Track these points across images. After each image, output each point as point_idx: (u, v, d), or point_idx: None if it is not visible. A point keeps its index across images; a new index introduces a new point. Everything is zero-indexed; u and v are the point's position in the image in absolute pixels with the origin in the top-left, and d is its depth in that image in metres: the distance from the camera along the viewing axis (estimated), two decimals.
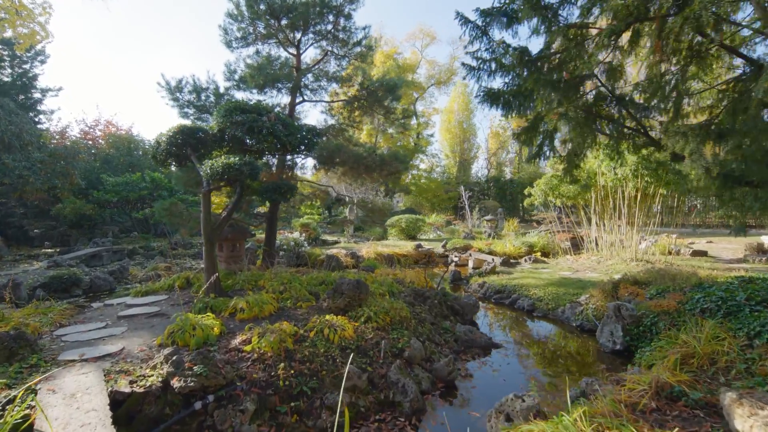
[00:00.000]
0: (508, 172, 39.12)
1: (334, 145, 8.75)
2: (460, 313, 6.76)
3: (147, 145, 24.05)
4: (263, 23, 9.23)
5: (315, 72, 9.83)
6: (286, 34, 9.43)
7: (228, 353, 3.94)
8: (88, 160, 21.47)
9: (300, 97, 9.86)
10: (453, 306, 6.79)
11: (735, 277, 6.34)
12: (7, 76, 20.46)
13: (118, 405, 3.07)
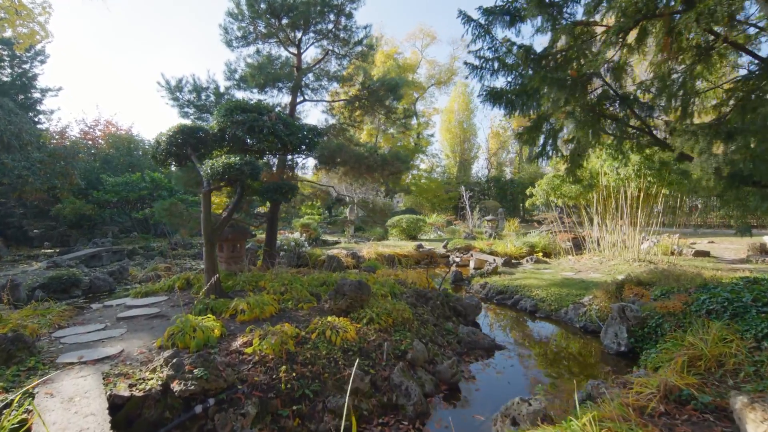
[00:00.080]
0: (509, 172, 39.09)
1: (335, 145, 8.70)
2: (462, 314, 6.71)
3: (147, 145, 24.00)
4: (264, 22, 9.18)
5: (316, 71, 9.78)
6: (286, 33, 9.37)
7: (229, 356, 3.89)
8: (88, 160, 21.43)
9: (301, 97, 9.81)
10: (455, 307, 6.73)
11: (740, 277, 6.28)
12: (6, 75, 20.40)
13: (118, 409, 3.01)
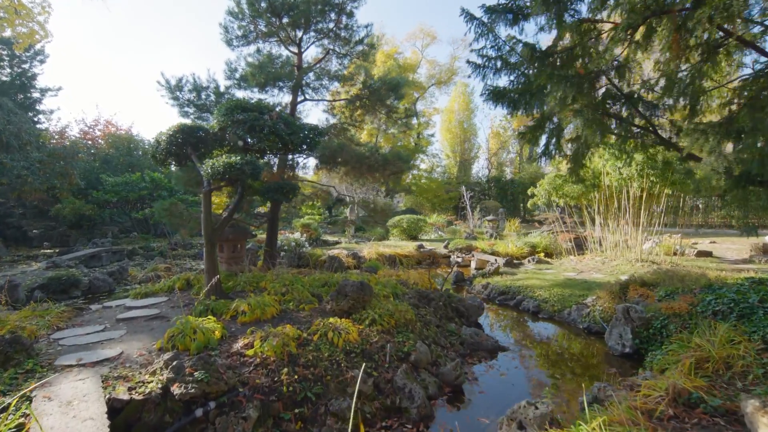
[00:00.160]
0: (509, 172, 39.04)
1: (337, 145, 8.64)
2: (465, 315, 6.65)
3: (147, 144, 23.94)
4: (264, 21, 9.13)
5: (316, 70, 9.72)
6: (287, 32, 9.32)
7: (230, 358, 3.83)
8: (88, 160, 21.37)
9: (301, 96, 9.75)
10: (458, 308, 6.68)
11: (745, 278, 6.24)
12: (5, 75, 20.35)
13: (117, 413, 2.95)
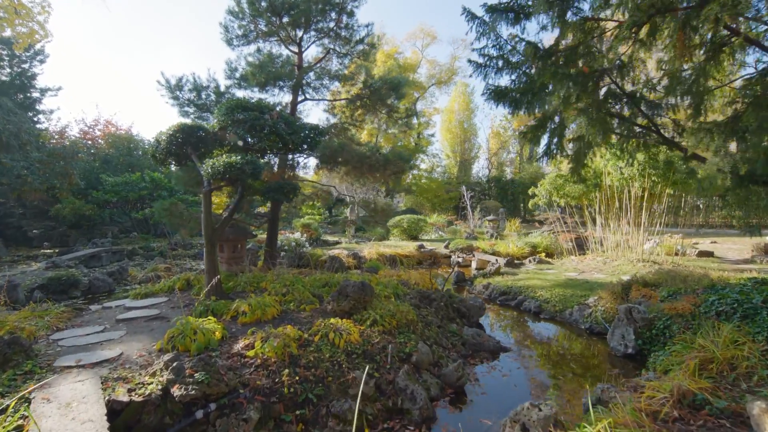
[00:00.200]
0: (509, 172, 39.02)
1: (337, 144, 8.61)
2: (466, 315, 6.62)
3: (147, 144, 23.90)
4: (264, 20, 9.10)
5: (317, 70, 9.70)
6: (287, 31, 9.29)
7: (230, 359, 3.80)
8: (88, 160, 21.34)
9: (302, 96, 9.72)
10: (459, 308, 6.65)
11: (747, 278, 6.20)
12: (5, 75, 20.30)
13: (116, 415, 2.92)
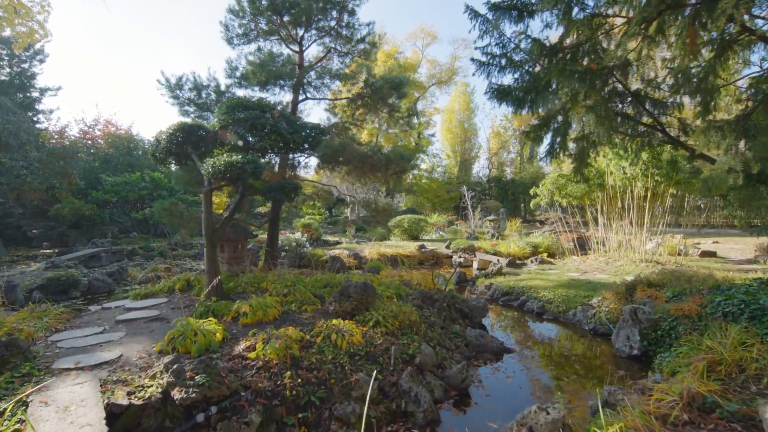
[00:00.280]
0: (510, 172, 38.95)
1: (339, 144, 8.56)
2: (469, 316, 6.56)
3: (146, 144, 23.85)
4: (265, 19, 9.04)
5: (318, 69, 9.64)
6: (288, 30, 9.23)
7: (231, 361, 3.74)
8: (87, 160, 21.28)
9: (303, 95, 9.67)
10: (462, 309, 6.59)
11: (753, 279, 6.14)
12: (5, 74, 20.24)
13: (115, 418, 2.86)
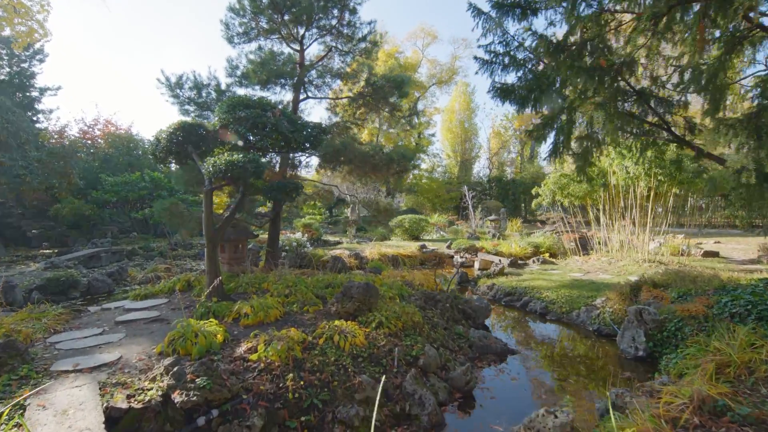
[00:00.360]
0: (510, 172, 38.88)
1: (340, 143, 8.49)
2: (471, 316, 6.51)
3: (146, 144, 23.76)
4: (266, 18, 8.98)
5: (319, 68, 9.58)
6: (289, 29, 9.17)
7: (233, 363, 3.68)
8: (87, 160, 21.22)
9: (304, 94, 9.60)
10: (464, 309, 6.53)
11: (759, 279, 6.08)
12: (4, 74, 20.16)
13: (115, 422, 2.81)
